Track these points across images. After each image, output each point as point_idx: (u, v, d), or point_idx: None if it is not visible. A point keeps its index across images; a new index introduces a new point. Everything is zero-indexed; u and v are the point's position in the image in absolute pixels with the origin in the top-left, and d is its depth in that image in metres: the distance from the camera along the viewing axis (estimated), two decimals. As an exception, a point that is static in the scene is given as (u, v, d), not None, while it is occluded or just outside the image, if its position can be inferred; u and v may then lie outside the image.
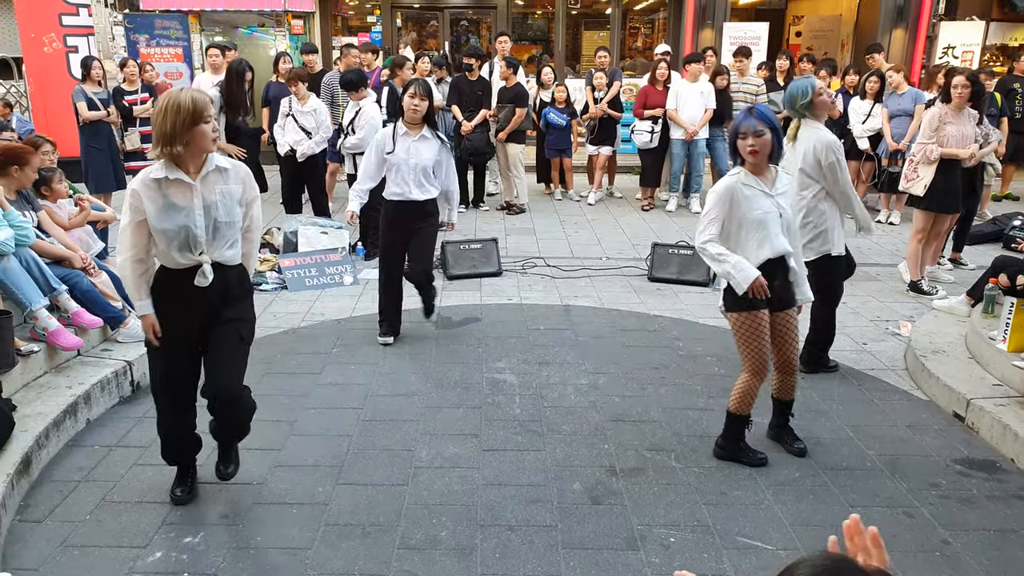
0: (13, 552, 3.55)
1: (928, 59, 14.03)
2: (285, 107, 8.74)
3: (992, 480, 4.27)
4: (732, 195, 4.03)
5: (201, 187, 3.46)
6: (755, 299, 4.00)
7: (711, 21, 14.35)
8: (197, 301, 3.59)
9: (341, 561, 3.51)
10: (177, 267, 3.52)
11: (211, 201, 3.48)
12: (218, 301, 3.64)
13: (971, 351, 5.57)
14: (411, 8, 16.44)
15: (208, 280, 3.53)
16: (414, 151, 5.64)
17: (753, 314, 4.08)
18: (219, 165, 3.53)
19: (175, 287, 3.57)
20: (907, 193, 7.30)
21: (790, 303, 4.27)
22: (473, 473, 4.24)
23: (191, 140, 3.35)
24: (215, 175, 3.51)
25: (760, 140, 3.98)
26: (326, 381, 5.29)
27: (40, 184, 5.73)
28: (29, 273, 4.89)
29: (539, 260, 8.27)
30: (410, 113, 5.59)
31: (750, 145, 3.99)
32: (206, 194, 3.47)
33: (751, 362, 4.19)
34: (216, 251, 3.55)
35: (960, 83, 6.74)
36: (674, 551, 3.62)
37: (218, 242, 3.54)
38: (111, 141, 9.42)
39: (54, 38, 11.34)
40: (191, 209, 3.44)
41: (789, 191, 4.22)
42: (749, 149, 4.00)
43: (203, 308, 3.63)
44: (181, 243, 3.45)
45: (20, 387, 4.66)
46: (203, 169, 3.47)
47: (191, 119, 3.32)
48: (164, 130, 3.33)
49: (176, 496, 3.94)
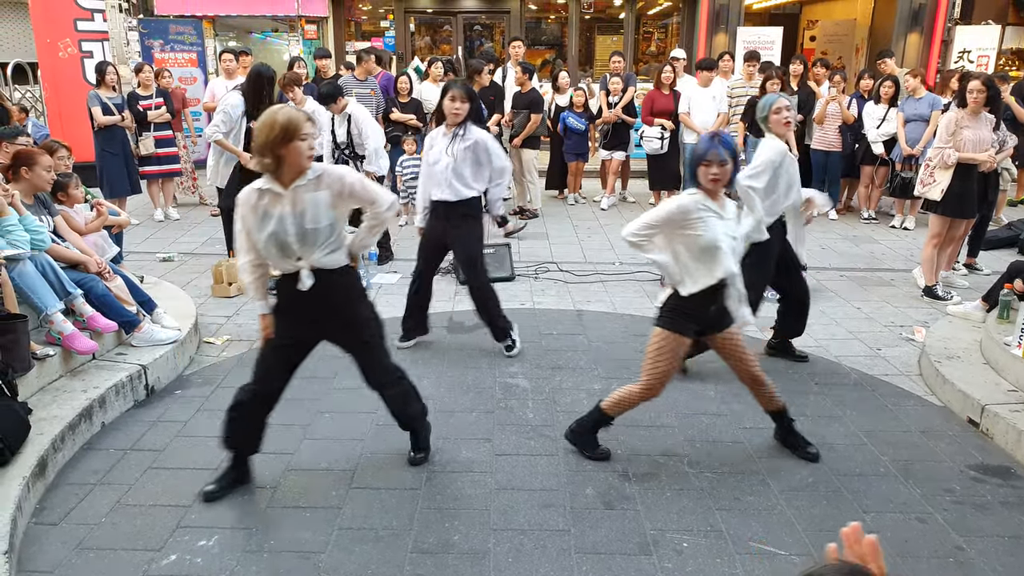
0: (29, 554, 3.57)
1: (943, 63, 13.98)
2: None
3: (1007, 486, 4.25)
4: (685, 215, 3.99)
5: (292, 196, 3.60)
6: (683, 324, 4.08)
7: (725, 25, 14.35)
8: (304, 305, 3.77)
9: (354, 565, 3.52)
10: (284, 272, 3.74)
11: (300, 209, 3.61)
12: (326, 305, 3.81)
13: (986, 357, 5.54)
14: (424, 13, 16.49)
15: (307, 285, 3.69)
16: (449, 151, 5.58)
17: (677, 337, 4.11)
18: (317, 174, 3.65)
19: (287, 291, 3.79)
20: (921, 198, 7.28)
21: (729, 324, 4.25)
22: (486, 477, 4.24)
23: (284, 155, 3.52)
24: (310, 184, 3.63)
25: (723, 170, 3.97)
26: (340, 385, 5.30)
27: (57, 190, 5.78)
28: (45, 277, 4.92)
29: (552, 265, 8.28)
30: (452, 117, 5.53)
31: (713, 174, 3.97)
32: (296, 202, 3.60)
33: (649, 379, 4.20)
34: (313, 256, 3.68)
35: (976, 88, 6.72)
36: (687, 556, 3.62)
37: (311, 248, 3.66)
38: (126, 146, 9.50)
39: (69, 43, 11.40)
40: (282, 217, 3.59)
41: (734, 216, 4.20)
42: (712, 177, 3.97)
43: (311, 311, 3.81)
44: (277, 250, 3.64)
45: (36, 391, 4.69)
46: (298, 180, 3.60)
47: (283, 135, 3.48)
48: (257, 143, 3.54)
49: (208, 490, 4.01)
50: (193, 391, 5.26)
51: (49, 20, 11.32)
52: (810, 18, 17.82)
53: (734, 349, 4.27)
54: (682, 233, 4.01)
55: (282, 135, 3.48)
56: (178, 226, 9.99)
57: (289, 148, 3.50)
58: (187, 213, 10.65)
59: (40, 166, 5.39)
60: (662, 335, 4.13)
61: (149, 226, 9.92)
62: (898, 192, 9.89)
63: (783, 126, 5.31)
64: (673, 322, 4.10)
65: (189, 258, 8.47)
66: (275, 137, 3.48)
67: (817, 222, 10.35)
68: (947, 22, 14.21)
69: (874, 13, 16.05)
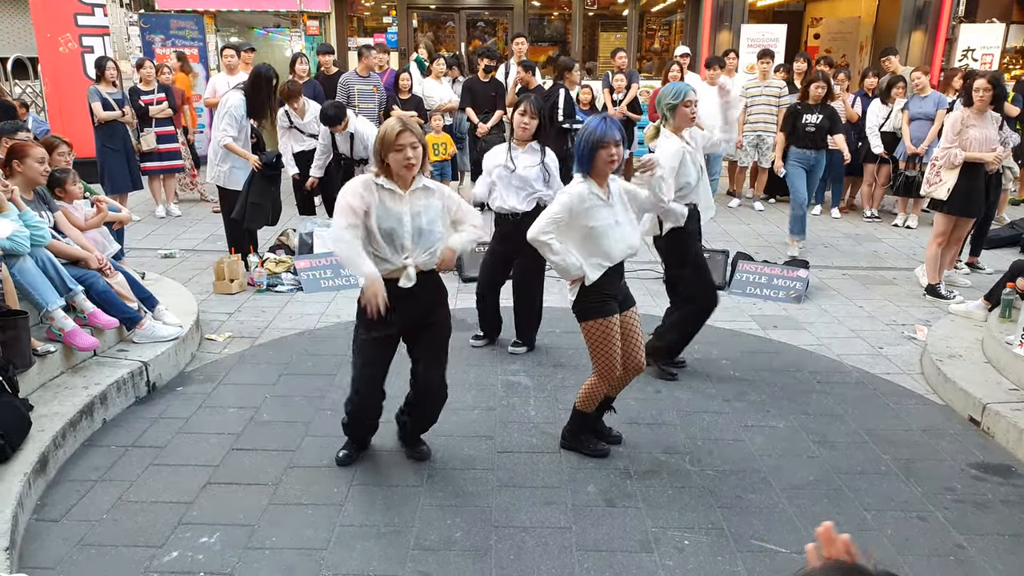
0: (30, 551, 3.57)
1: (947, 62, 13.95)
2: (284, 122, 8.52)
3: (1007, 484, 4.25)
4: (582, 202, 4.04)
5: (410, 199, 3.85)
6: (606, 305, 4.12)
7: (729, 23, 14.32)
8: (402, 302, 3.85)
9: (356, 562, 3.52)
10: (384, 271, 3.82)
11: (416, 211, 3.85)
12: (418, 303, 3.95)
13: (987, 355, 5.54)
14: (427, 9, 16.47)
15: (411, 282, 3.85)
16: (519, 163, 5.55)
17: (606, 321, 4.14)
18: (426, 185, 3.91)
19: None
20: (925, 197, 7.26)
21: (630, 304, 4.34)
22: (488, 475, 4.24)
23: (390, 164, 3.78)
24: (421, 192, 3.89)
25: (619, 151, 4.01)
26: (342, 383, 5.30)
27: (54, 185, 5.74)
28: (45, 273, 4.91)
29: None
30: (519, 131, 5.51)
31: (612, 155, 3.99)
32: (413, 203, 3.85)
33: (602, 367, 4.24)
34: (418, 256, 3.86)
35: (982, 86, 6.70)
36: (688, 554, 3.61)
37: (420, 247, 3.86)
38: (126, 141, 9.47)
39: (70, 38, 11.37)
40: (400, 214, 3.82)
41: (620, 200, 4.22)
42: (610, 159, 4.00)
43: (406, 309, 3.90)
44: (389, 245, 3.82)
45: (37, 387, 4.69)
46: (412, 185, 3.85)
47: (382, 146, 3.77)
48: (374, 149, 3.87)
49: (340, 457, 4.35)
50: (195, 388, 5.26)
51: (49, 15, 11.29)
52: (814, 15, 17.77)
53: (631, 328, 4.31)
54: (577, 224, 4.06)
55: (380, 146, 3.77)
56: (179, 222, 9.98)
57: (390, 158, 3.75)
58: (188, 209, 10.64)
59: (32, 158, 5.29)
60: (592, 326, 4.17)
61: (151, 222, 9.91)
62: (901, 191, 9.86)
63: (688, 120, 5.12)
64: (594, 309, 4.14)
65: (191, 254, 8.46)
66: (385, 144, 3.75)
67: (820, 220, 10.37)
68: (951, 20, 14.17)
69: (878, 11, 16.02)
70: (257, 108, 7.28)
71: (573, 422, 4.49)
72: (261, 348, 5.95)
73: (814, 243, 9.08)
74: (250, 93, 7.21)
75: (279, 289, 7.25)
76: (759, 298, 7.22)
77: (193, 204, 11.00)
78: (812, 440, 4.66)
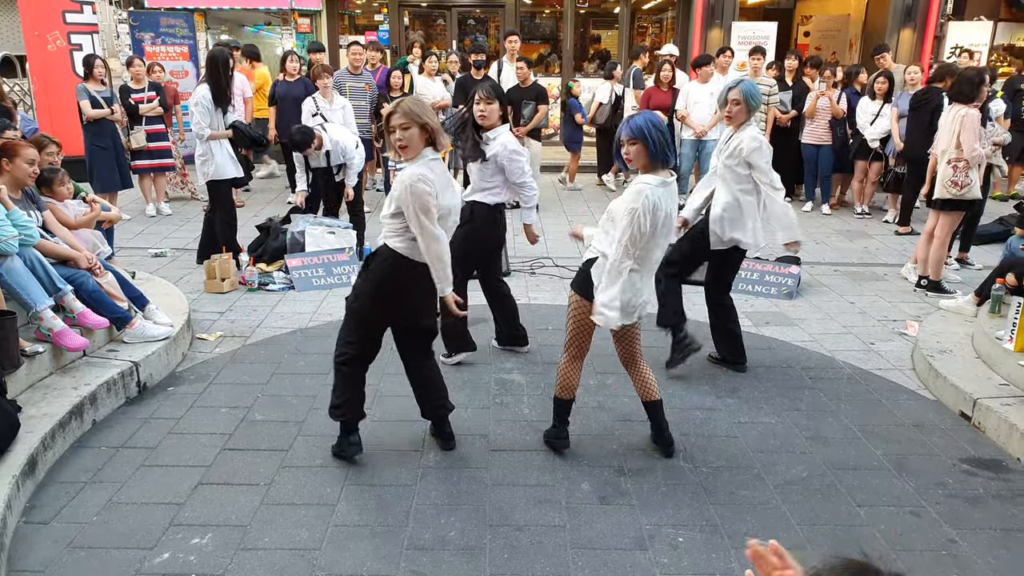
0: (19, 553, 3.55)
1: (936, 59, 14.00)
2: (311, 107, 8.22)
3: (999, 479, 4.26)
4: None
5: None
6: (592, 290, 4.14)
7: (719, 21, 14.34)
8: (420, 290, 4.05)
9: (350, 562, 3.51)
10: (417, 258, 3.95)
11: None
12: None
13: (978, 351, 5.55)
14: (418, 7, 16.43)
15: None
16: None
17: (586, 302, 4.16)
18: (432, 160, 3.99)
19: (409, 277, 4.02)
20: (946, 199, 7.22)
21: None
22: (481, 473, 4.23)
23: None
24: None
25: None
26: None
27: (42, 185, 5.70)
28: (34, 273, 4.87)
29: (547, 260, 8.26)
30: (480, 121, 5.34)
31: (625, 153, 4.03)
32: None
33: (576, 347, 4.27)
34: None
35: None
36: (682, 551, 3.61)
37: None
38: (116, 140, 9.41)
39: (58, 36, 11.30)
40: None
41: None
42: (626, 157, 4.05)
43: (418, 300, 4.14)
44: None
45: (25, 388, 4.66)
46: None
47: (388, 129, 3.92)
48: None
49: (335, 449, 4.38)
50: (186, 388, 5.24)
51: (37, 12, 11.21)
52: (804, 13, 17.83)
53: (629, 332, 4.31)
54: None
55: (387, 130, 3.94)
56: (170, 221, 9.94)
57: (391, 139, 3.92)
58: (179, 208, 10.60)
59: (21, 158, 5.22)
60: (583, 304, 4.17)
61: (141, 221, 9.86)
62: (892, 187, 9.88)
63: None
64: (591, 291, 4.13)
65: (181, 254, 8.42)
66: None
67: (811, 217, 10.39)
68: (940, 18, 14.22)
69: (867, 9, 16.06)
70: (219, 94, 7.27)
71: (556, 416, 4.45)
72: (253, 347, 5.92)
73: (805, 240, 9.07)
74: (210, 80, 7.21)
75: (271, 288, 7.22)
76: (751, 295, 7.23)
77: (183, 203, 10.94)
78: (805, 436, 4.67)
